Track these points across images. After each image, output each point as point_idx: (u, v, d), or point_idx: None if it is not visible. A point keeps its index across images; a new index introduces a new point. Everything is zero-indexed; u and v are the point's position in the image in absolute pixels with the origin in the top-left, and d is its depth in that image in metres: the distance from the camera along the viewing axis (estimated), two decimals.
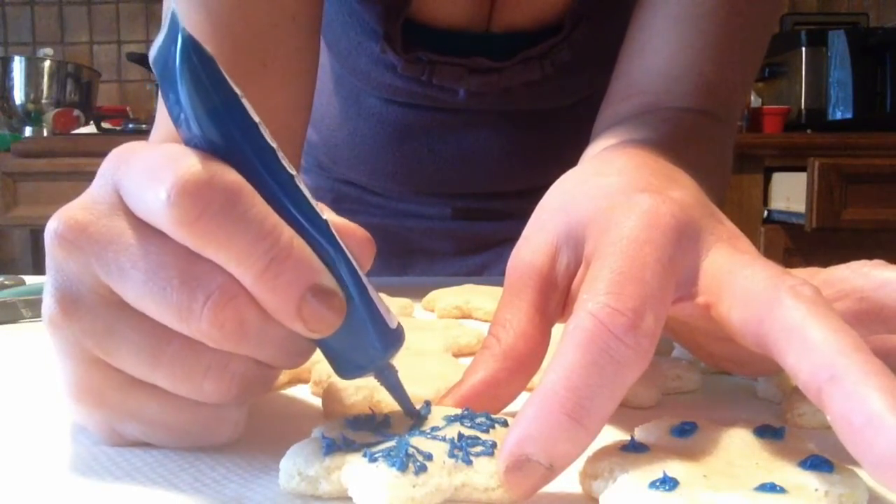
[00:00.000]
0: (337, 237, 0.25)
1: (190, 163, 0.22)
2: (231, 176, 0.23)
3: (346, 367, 0.26)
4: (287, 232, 0.23)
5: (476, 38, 0.63)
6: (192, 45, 0.22)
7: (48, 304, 0.25)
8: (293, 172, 0.24)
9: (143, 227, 0.24)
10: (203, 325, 0.23)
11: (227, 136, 0.23)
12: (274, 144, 0.24)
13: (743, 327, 0.24)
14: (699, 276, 0.26)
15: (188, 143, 0.24)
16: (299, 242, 0.24)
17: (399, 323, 0.26)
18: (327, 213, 0.25)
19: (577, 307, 0.24)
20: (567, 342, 0.23)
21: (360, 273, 0.25)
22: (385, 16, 0.59)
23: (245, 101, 0.23)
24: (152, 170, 0.23)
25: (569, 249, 0.29)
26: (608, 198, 0.28)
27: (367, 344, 0.25)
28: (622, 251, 0.25)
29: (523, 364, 0.28)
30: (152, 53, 0.24)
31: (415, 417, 0.26)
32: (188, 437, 0.26)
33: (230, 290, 0.23)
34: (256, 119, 0.24)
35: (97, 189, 0.25)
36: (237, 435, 0.27)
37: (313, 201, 0.25)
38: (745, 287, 0.24)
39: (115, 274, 0.24)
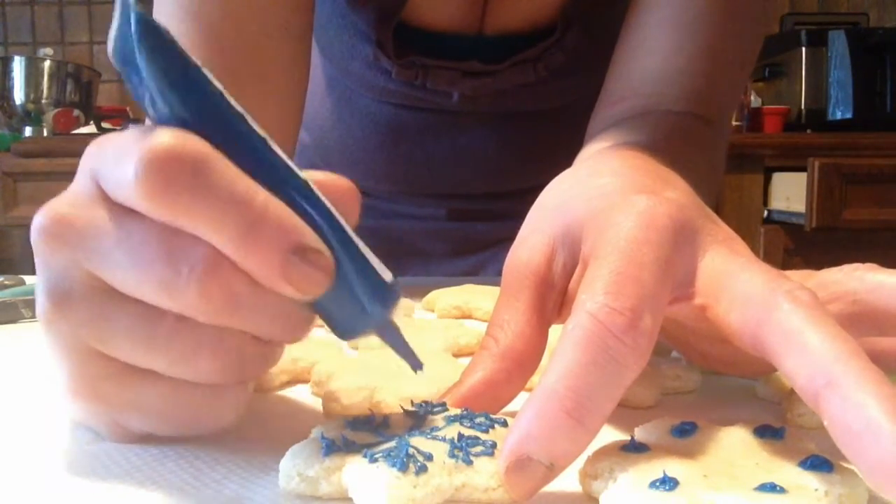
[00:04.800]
0: (319, 194, 0.24)
1: (155, 137, 0.22)
2: (196, 145, 0.22)
3: (344, 328, 0.25)
4: (261, 195, 0.23)
5: (469, 41, 0.63)
6: (146, 22, 0.22)
7: (40, 302, 0.25)
8: (265, 136, 0.24)
9: (121, 211, 0.24)
10: (190, 298, 0.23)
11: (192, 107, 0.23)
12: (241, 110, 0.24)
13: (740, 330, 0.24)
14: (696, 278, 0.26)
15: (158, 122, 0.23)
16: (276, 204, 0.23)
17: (395, 277, 0.25)
18: (307, 173, 0.25)
19: (575, 307, 0.24)
20: (566, 342, 0.23)
21: (347, 228, 0.25)
22: (377, 22, 0.59)
23: (207, 72, 0.23)
24: (122, 150, 0.23)
25: (565, 250, 0.29)
26: (604, 198, 0.28)
27: (362, 302, 0.25)
28: (620, 251, 0.25)
29: (521, 364, 0.28)
30: (110, 43, 0.23)
31: (420, 369, 0.26)
32: (188, 423, 0.26)
33: (213, 259, 0.23)
34: (220, 87, 0.23)
35: (78, 182, 0.25)
36: (237, 419, 0.27)
37: (290, 162, 0.24)
38: (743, 290, 0.25)
39: (100, 260, 0.24)
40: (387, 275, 0.25)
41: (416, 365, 0.26)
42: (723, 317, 0.25)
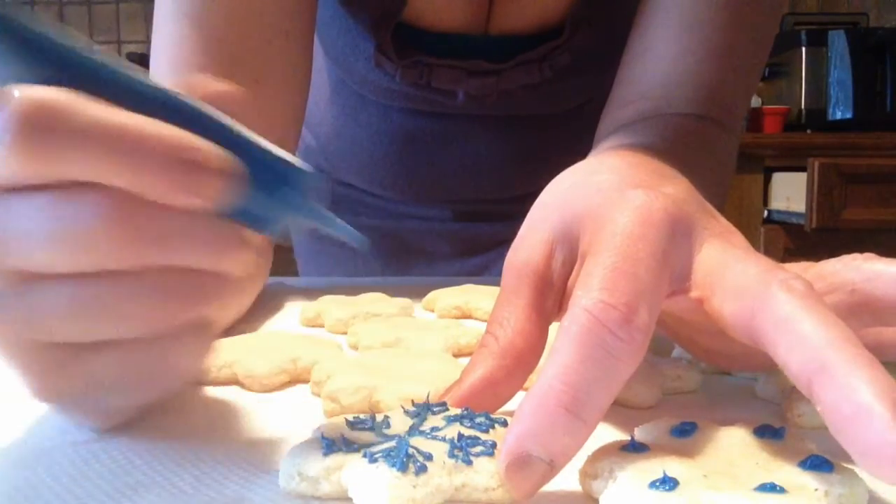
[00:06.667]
0: (200, 106, 0.24)
1: (11, 98, 0.21)
2: (56, 92, 0.22)
3: (267, 224, 0.25)
4: (137, 119, 0.22)
5: (474, 41, 0.63)
6: None
7: None
8: (127, 71, 0.23)
9: (5, 196, 0.23)
10: (105, 247, 0.22)
11: (40, 69, 0.22)
12: (102, 57, 0.23)
13: (735, 321, 0.24)
14: (692, 271, 0.27)
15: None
16: (154, 123, 0.22)
17: (299, 160, 0.25)
18: (188, 95, 0.24)
19: (571, 303, 0.24)
20: (562, 338, 0.23)
21: (234, 125, 0.24)
22: (374, 26, 0.60)
23: (50, 29, 0.22)
24: None
25: (564, 247, 0.29)
26: (601, 195, 0.29)
27: (276, 192, 0.24)
28: (616, 247, 0.25)
29: (521, 361, 0.28)
30: None
31: (364, 245, 0.26)
32: (155, 382, 0.26)
33: (112, 199, 0.22)
34: (73, 43, 0.23)
35: None
36: (202, 364, 0.26)
37: (165, 87, 0.24)
38: (738, 281, 0.25)
39: (5, 252, 0.23)
40: (294, 160, 0.25)
41: (357, 239, 0.26)
42: (718, 309, 0.25)
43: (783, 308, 0.23)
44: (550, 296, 0.29)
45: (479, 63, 0.63)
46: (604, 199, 0.28)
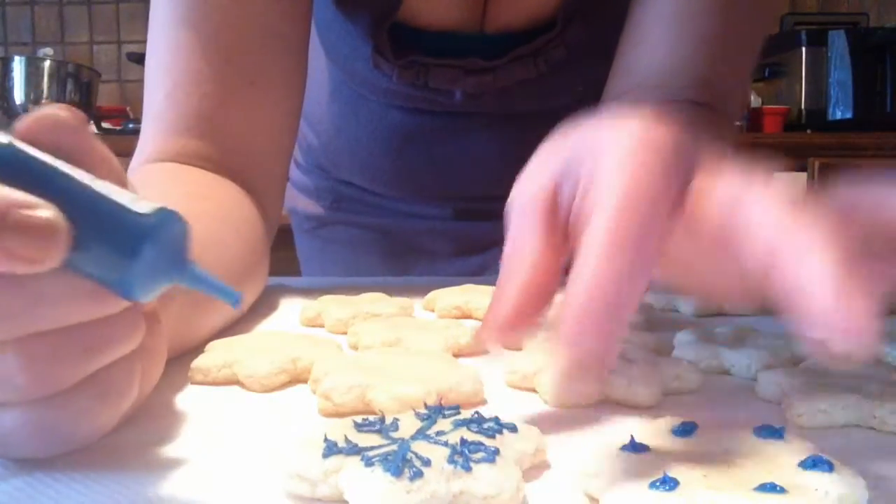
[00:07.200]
0: (28, 151, 0.22)
1: None
2: None
3: (129, 287, 0.22)
4: None
5: (470, 39, 0.63)
6: None
7: None
8: None
9: None
10: None
11: None
12: None
13: (717, 231, 0.26)
14: (688, 191, 0.28)
15: None
16: None
17: (163, 207, 0.22)
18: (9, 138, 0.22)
19: (589, 225, 0.26)
20: (584, 254, 0.25)
21: (76, 176, 0.22)
22: (371, 27, 0.60)
23: None
24: None
25: (569, 181, 0.30)
26: (601, 128, 0.30)
27: (124, 247, 0.21)
28: (621, 173, 0.26)
29: (541, 290, 0.29)
30: None
31: (239, 302, 0.24)
32: (63, 434, 0.25)
33: None
34: None
35: None
36: (111, 418, 0.26)
37: None
38: (721, 194, 0.26)
39: None
40: (144, 207, 0.22)
41: (231, 297, 0.24)
42: (703, 222, 0.27)
43: (754, 210, 0.24)
44: (559, 228, 0.30)
45: (475, 61, 0.63)
46: (603, 130, 0.29)
